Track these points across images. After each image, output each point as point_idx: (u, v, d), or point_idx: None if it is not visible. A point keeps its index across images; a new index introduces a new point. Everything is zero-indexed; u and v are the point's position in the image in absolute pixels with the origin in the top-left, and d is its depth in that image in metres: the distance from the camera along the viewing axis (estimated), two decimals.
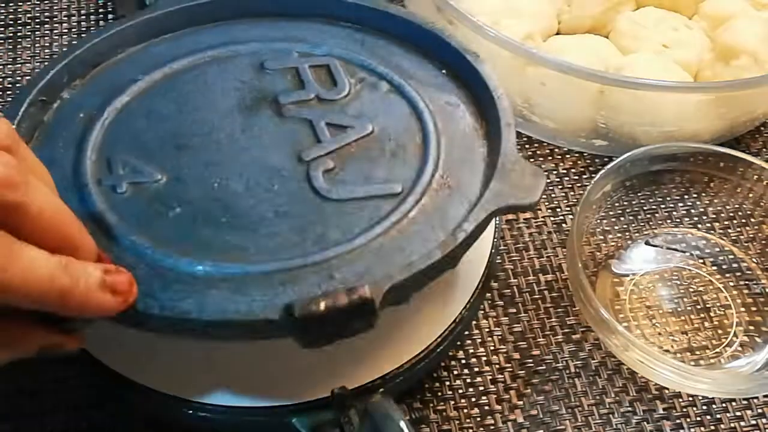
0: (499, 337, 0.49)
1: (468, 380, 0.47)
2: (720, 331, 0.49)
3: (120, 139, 0.41)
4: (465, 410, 0.46)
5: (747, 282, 0.51)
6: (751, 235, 0.53)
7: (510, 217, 0.54)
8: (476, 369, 0.47)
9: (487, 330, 0.49)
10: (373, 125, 0.42)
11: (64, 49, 0.58)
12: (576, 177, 0.56)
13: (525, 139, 0.58)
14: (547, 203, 0.55)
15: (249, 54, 0.46)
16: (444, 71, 0.46)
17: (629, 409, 0.46)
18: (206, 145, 0.41)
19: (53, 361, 0.37)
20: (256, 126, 0.42)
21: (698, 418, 0.46)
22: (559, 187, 0.56)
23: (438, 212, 0.38)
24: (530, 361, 0.48)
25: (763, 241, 0.52)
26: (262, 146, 0.41)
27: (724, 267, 0.52)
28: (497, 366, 0.47)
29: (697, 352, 0.49)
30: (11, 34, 0.62)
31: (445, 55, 0.46)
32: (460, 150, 0.42)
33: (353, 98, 0.44)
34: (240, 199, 0.39)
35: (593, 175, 0.51)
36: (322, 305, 0.33)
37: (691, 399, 0.47)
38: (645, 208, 0.54)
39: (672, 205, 0.54)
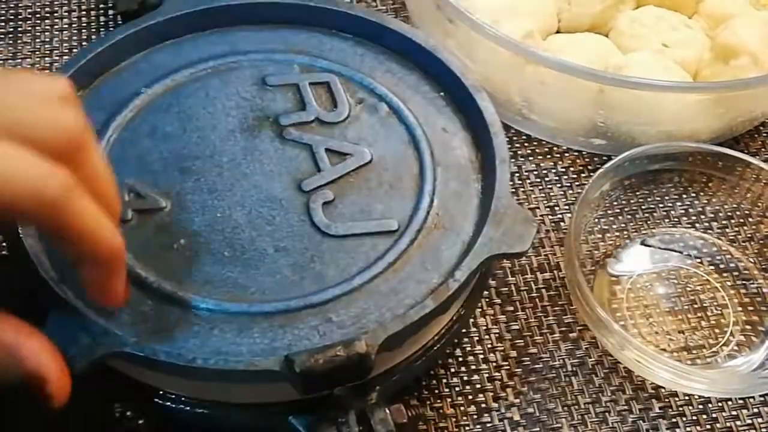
0: (497, 335, 0.49)
1: (465, 378, 0.47)
2: (717, 331, 0.50)
3: (125, 161, 0.42)
4: (462, 408, 0.46)
5: (744, 282, 0.52)
6: (749, 235, 0.53)
7: None
8: (473, 367, 0.47)
9: (484, 328, 0.49)
10: (371, 153, 0.43)
11: (66, 60, 0.58)
12: (574, 175, 0.56)
13: (524, 137, 0.58)
14: (545, 202, 0.55)
15: (250, 66, 0.46)
16: (442, 93, 0.46)
17: (625, 407, 0.46)
18: (209, 169, 0.42)
19: None
20: (258, 150, 0.43)
21: (694, 417, 0.46)
22: (558, 185, 0.56)
23: (432, 252, 0.40)
24: (527, 359, 0.48)
25: (761, 241, 0.53)
26: (263, 173, 0.42)
27: (721, 267, 0.52)
28: (494, 364, 0.47)
29: (694, 352, 0.49)
30: (11, 30, 0.62)
31: (445, 77, 0.46)
32: (455, 183, 0.43)
33: (352, 122, 0.45)
34: (241, 232, 0.40)
35: (591, 174, 0.51)
36: (321, 361, 0.34)
37: (687, 398, 0.47)
38: (643, 207, 0.54)
39: (670, 205, 0.54)
